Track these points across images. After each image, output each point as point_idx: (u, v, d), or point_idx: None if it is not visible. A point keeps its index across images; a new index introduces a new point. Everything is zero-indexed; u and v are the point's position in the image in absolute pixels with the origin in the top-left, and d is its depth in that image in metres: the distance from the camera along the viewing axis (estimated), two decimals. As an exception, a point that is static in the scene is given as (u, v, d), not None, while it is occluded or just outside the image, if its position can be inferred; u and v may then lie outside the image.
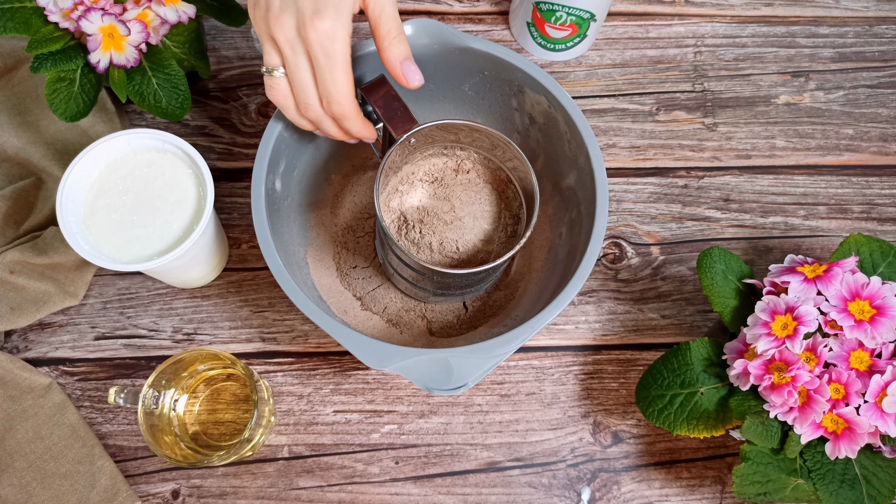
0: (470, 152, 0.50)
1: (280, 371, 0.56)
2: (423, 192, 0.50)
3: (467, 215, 0.50)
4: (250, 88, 0.65)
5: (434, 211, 0.50)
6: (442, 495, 0.54)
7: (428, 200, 0.50)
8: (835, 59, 0.69)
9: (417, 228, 0.49)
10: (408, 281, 0.51)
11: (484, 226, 0.50)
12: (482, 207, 0.50)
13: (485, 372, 0.45)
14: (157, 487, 0.53)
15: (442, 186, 0.50)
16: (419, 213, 0.50)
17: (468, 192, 0.50)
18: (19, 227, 0.57)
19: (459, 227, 0.49)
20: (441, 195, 0.50)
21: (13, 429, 0.52)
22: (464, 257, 0.49)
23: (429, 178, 0.50)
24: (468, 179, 0.51)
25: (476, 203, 0.50)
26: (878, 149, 0.66)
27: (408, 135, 0.45)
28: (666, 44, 0.69)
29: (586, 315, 0.59)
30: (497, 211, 0.50)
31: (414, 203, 0.50)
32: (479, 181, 0.51)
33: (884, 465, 0.45)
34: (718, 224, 0.62)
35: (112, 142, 0.50)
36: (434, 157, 0.50)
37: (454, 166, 0.50)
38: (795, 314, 0.44)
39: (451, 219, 0.49)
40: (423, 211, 0.50)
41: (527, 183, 0.47)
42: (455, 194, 0.50)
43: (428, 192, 0.50)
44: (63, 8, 0.51)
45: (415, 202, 0.50)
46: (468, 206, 0.50)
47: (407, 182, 0.50)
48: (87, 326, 0.57)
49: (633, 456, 0.55)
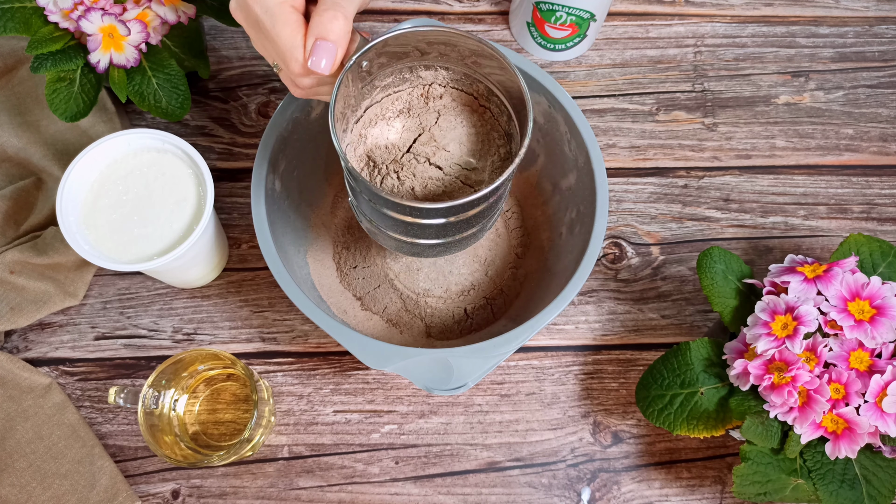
0: (438, 72, 0.43)
1: (280, 371, 0.56)
2: (392, 129, 0.44)
3: (450, 142, 0.43)
4: (250, 88, 0.65)
5: (409, 148, 0.43)
6: (442, 495, 0.54)
7: (399, 138, 0.44)
8: (835, 59, 0.69)
9: (394, 174, 0.43)
10: (396, 236, 0.43)
11: (470, 153, 0.44)
12: (465, 131, 0.44)
13: (485, 372, 0.45)
14: (157, 487, 0.53)
15: (412, 118, 0.44)
16: (391, 154, 0.43)
17: (446, 118, 0.44)
18: (19, 227, 0.57)
19: (443, 159, 0.43)
20: (414, 128, 0.44)
21: (13, 429, 0.52)
22: (453, 193, 0.43)
23: (394, 112, 0.44)
24: (442, 105, 0.44)
25: (458, 128, 0.44)
26: (878, 149, 0.66)
27: (357, 56, 0.38)
28: (666, 44, 0.69)
29: (586, 315, 0.59)
30: (483, 132, 0.44)
31: (382, 144, 0.43)
32: (454, 104, 0.44)
33: (884, 465, 0.45)
34: (718, 224, 0.62)
35: (112, 142, 0.50)
36: (397, 88, 0.44)
37: (422, 93, 0.44)
38: (795, 314, 0.44)
39: (432, 151, 0.43)
40: (395, 150, 0.43)
41: (513, 90, 0.40)
42: (430, 123, 0.44)
43: (398, 129, 0.44)
44: (63, 8, 0.51)
45: (383, 142, 0.43)
46: (449, 133, 0.43)
47: (370, 125, 0.44)
48: (87, 326, 0.57)
49: (633, 456, 0.55)
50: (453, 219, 0.40)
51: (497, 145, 0.44)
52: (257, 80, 0.66)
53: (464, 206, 0.38)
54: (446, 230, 0.42)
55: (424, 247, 0.44)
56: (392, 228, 0.42)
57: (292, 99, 0.51)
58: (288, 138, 0.51)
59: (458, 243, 0.45)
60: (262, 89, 0.65)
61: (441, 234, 0.42)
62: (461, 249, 0.47)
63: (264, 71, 0.66)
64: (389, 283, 0.56)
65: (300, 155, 0.54)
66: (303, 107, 0.52)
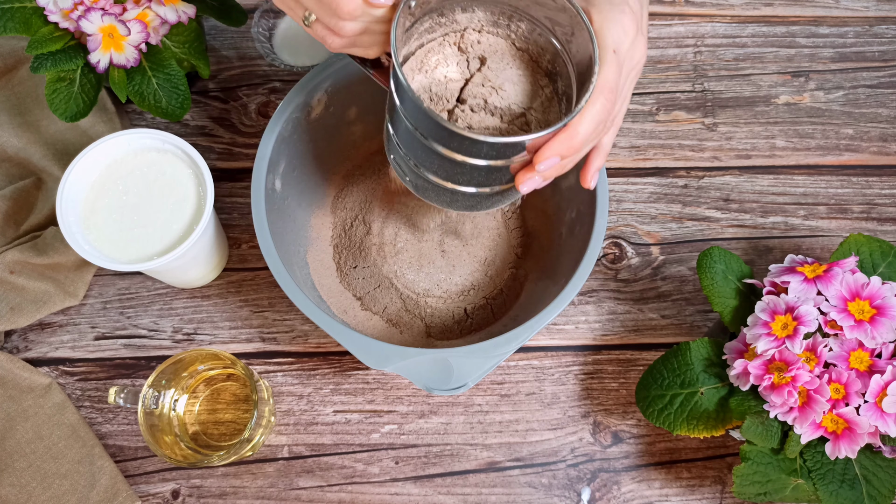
0: (475, 13, 0.41)
1: (280, 371, 0.56)
2: (436, 77, 0.42)
3: (504, 82, 0.42)
4: (250, 88, 0.65)
5: (459, 97, 0.41)
6: (442, 495, 0.54)
7: (446, 86, 0.42)
8: (835, 59, 0.69)
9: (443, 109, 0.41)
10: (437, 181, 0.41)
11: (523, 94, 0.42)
12: (514, 73, 0.42)
13: (485, 372, 0.45)
14: (157, 487, 0.53)
15: (456, 65, 0.42)
16: (441, 105, 0.41)
17: (492, 60, 0.42)
18: (19, 227, 0.57)
19: (498, 101, 0.41)
20: (460, 74, 0.42)
21: (13, 429, 0.52)
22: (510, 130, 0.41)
23: (433, 63, 0.42)
24: (483, 49, 0.42)
25: (506, 70, 0.42)
26: (878, 149, 0.66)
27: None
28: (666, 44, 0.69)
29: (586, 315, 0.59)
30: (529, 73, 0.42)
31: (427, 94, 0.42)
32: (495, 46, 0.42)
33: (884, 465, 0.45)
34: (718, 224, 0.62)
35: (112, 142, 0.50)
36: (431, 36, 0.42)
37: (457, 41, 0.42)
38: (795, 314, 0.44)
39: (488, 92, 0.41)
40: (443, 101, 0.41)
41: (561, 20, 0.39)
42: (475, 68, 0.42)
43: (441, 77, 0.42)
44: (63, 8, 0.51)
45: (428, 93, 0.42)
46: (501, 74, 0.41)
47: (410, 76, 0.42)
48: (87, 326, 0.57)
49: (633, 456, 0.55)
50: (501, 162, 0.38)
51: (541, 85, 0.42)
52: (257, 80, 0.66)
53: (515, 146, 0.36)
54: (491, 176, 0.40)
55: (460, 195, 0.42)
56: (434, 170, 0.40)
57: (292, 99, 0.51)
58: (288, 138, 0.51)
59: (497, 196, 0.43)
60: (262, 89, 0.65)
61: (485, 180, 0.40)
62: (498, 205, 0.45)
63: (264, 71, 0.66)
64: (389, 283, 0.56)
65: (300, 155, 0.54)
66: (303, 107, 0.52)
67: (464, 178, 0.40)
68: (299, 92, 0.51)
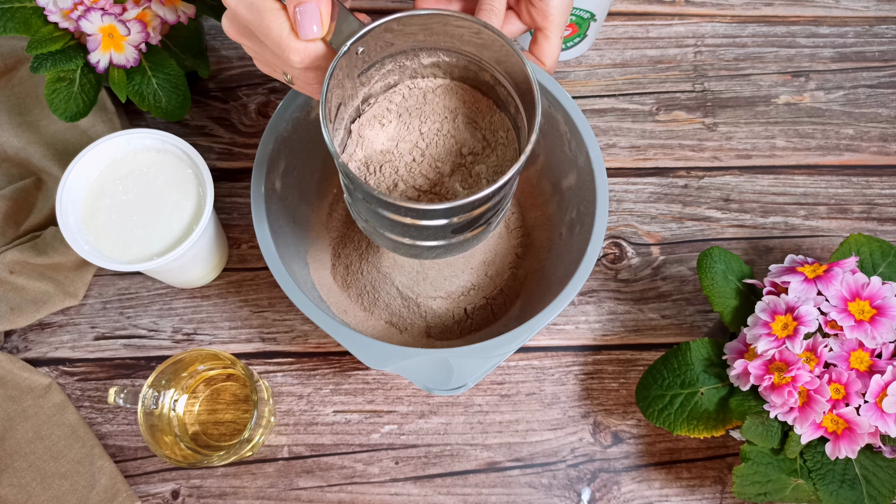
0: (440, 58, 0.41)
1: (280, 371, 0.56)
2: (389, 131, 0.41)
3: (452, 140, 0.42)
4: (250, 88, 0.65)
5: (408, 150, 0.41)
6: (442, 495, 0.54)
7: (397, 139, 0.41)
8: (835, 58, 0.69)
9: (391, 173, 0.41)
10: (394, 238, 0.41)
11: (473, 151, 0.42)
12: (468, 128, 0.42)
13: (485, 372, 0.45)
14: (157, 487, 0.53)
15: (411, 117, 0.42)
16: (388, 157, 0.41)
17: (447, 113, 0.42)
18: (19, 227, 0.57)
19: (444, 158, 0.41)
20: (413, 127, 0.42)
21: (13, 429, 0.52)
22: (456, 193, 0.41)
23: (392, 112, 0.42)
24: (444, 100, 0.42)
25: (460, 126, 0.42)
26: (879, 149, 0.66)
27: (352, 41, 0.36)
28: (666, 44, 0.69)
29: (586, 315, 0.59)
30: (488, 128, 0.42)
31: (379, 147, 0.41)
32: (457, 97, 0.42)
33: (884, 465, 0.45)
34: (718, 224, 0.62)
35: (112, 142, 0.50)
36: (396, 80, 0.41)
37: (422, 88, 0.42)
38: (795, 314, 0.44)
39: (434, 152, 0.41)
40: (392, 154, 0.41)
41: (518, 77, 0.38)
42: (431, 120, 0.42)
43: (394, 130, 0.41)
44: (63, 8, 0.51)
45: (379, 146, 0.41)
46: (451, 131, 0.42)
47: (368, 126, 0.41)
48: (86, 326, 0.57)
49: (633, 456, 0.55)
50: (456, 220, 0.37)
51: (502, 143, 0.42)
52: (257, 80, 0.66)
53: (465, 206, 0.35)
54: (448, 232, 0.39)
55: (424, 248, 0.41)
56: (390, 229, 0.40)
57: (292, 99, 0.51)
58: (288, 138, 0.51)
59: (459, 245, 0.42)
60: (262, 89, 0.65)
61: (442, 235, 0.39)
62: (463, 251, 0.44)
63: (264, 71, 0.66)
64: (389, 283, 0.56)
65: (300, 155, 0.54)
66: (303, 106, 0.52)
67: (420, 235, 0.39)
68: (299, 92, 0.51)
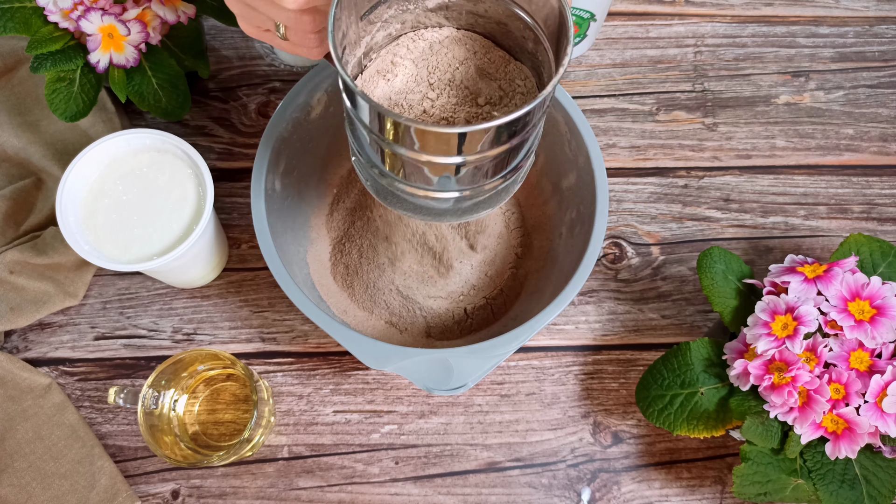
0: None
1: (280, 371, 0.56)
2: (396, 83, 0.38)
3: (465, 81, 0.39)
4: (250, 88, 0.65)
5: (417, 102, 0.38)
6: (442, 495, 0.54)
7: (404, 90, 0.38)
8: (835, 58, 0.69)
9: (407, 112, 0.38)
10: (409, 189, 0.37)
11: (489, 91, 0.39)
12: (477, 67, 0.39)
13: (485, 372, 0.45)
14: (157, 487, 0.53)
15: (421, 67, 0.39)
16: (397, 111, 0.38)
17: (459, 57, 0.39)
18: (19, 227, 0.57)
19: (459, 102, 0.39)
20: (423, 77, 0.39)
21: (13, 429, 0.52)
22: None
23: (397, 65, 0.39)
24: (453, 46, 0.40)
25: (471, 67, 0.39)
26: (879, 149, 0.66)
27: None
28: (666, 44, 0.69)
29: (586, 315, 0.59)
30: (502, 67, 0.40)
31: (384, 103, 0.38)
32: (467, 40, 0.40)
33: (884, 465, 0.45)
34: (718, 224, 0.62)
35: (112, 142, 0.50)
36: (399, 26, 0.39)
37: (435, 37, 0.40)
38: (795, 314, 0.44)
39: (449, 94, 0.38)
40: (399, 108, 0.38)
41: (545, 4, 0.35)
42: (442, 68, 0.39)
43: (403, 81, 0.39)
44: (63, 8, 0.51)
45: (385, 102, 0.38)
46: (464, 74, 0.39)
47: (371, 82, 0.39)
48: (86, 326, 0.57)
49: (633, 456, 0.55)
50: (474, 157, 0.34)
51: (521, 91, 0.39)
52: (257, 80, 0.66)
53: (488, 133, 0.32)
54: (468, 176, 0.35)
55: (443, 203, 0.38)
56: (405, 178, 0.36)
57: (292, 99, 0.51)
58: (288, 138, 0.51)
59: (483, 201, 0.38)
60: (261, 89, 0.65)
61: (462, 181, 0.36)
62: (488, 208, 0.40)
63: (264, 71, 0.66)
64: (389, 283, 0.56)
65: (300, 155, 0.54)
66: (303, 107, 0.52)
67: (438, 182, 0.36)
68: (299, 92, 0.51)
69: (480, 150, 0.34)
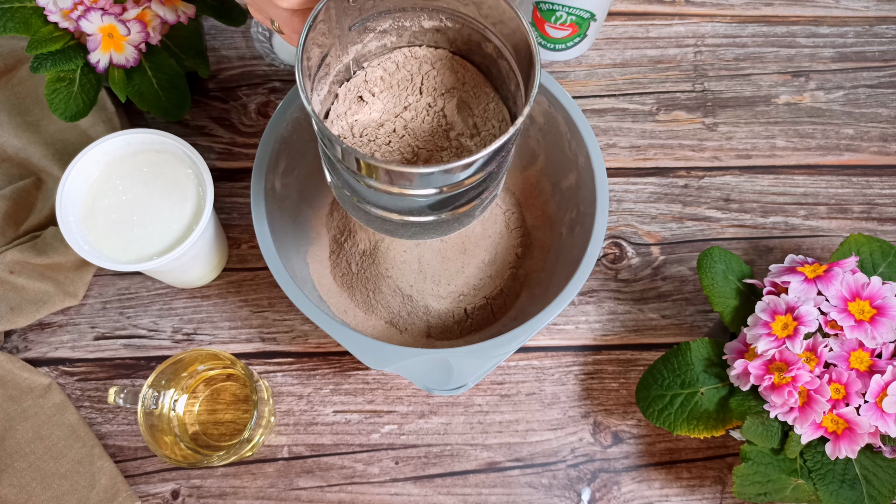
0: (443, 22, 0.38)
1: (280, 371, 0.56)
2: (379, 102, 0.39)
3: (445, 111, 0.40)
4: (250, 88, 0.65)
5: (391, 123, 0.38)
6: (442, 495, 0.54)
7: (386, 110, 0.39)
8: (835, 58, 0.69)
9: (378, 141, 0.38)
10: (381, 214, 0.38)
11: (466, 123, 0.40)
12: (460, 99, 0.40)
13: (485, 372, 0.45)
14: (157, 487, 0.53)
15: (404, 88, 0.40)
16: (376, 128, 0.39)
17: (443, 83, 0.40)
18: (19, 227, 0.57)
19: (435, 127, 0.39)
20: (404, 97, 0.39)
21: (13, 429, 0.52)
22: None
23: (385, 81, 0.39)
24: (440, 70, 0.40)
25: (454, 97, 0.39)
26: (879, 149, 0.66)
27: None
28: (666, 44, 0.69)
29: (586, 315, 0.59)
30: (483, 101, 0.40)
31: (365, 119, 0.39)
32: (453, 68, 0.40)
33: (884, 465, 0.45)
34: (718, 224, 0.62)
35: (112, 142, 0.50)
36: (393, 42, 0.39)
37: (420, 57, 0.40)
38: (796, 314, 0.44)
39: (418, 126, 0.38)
40: (378, 125, 0.39)
41: (519, 44, 0.36)
42: (426, 91, 0.40)
43: (385, 101, 0.39)
44: (63, 8, 0.51)
45: (366, 118, 0.39)
46: (444, 103, 0.40)
47: (354, 97, 0.39)
48: (86, 326, 0.57)
49: (633, 456, 0.55)
50: (446, 189, 0.35)
51: (492, 134, 0.40)
52: (257, 80, 0.66)
53: (456, 170, 0.33)
54: (437, 204, 0.37)
55: (413, 226, 0.39)
56: (377, 203, 0.38)
57: (292, 99, 0.51)
58: (288, 138, 0.51)
59: (450, 222, 0.40)
60: (262, 89, 0.65)
61: (432, 208, 0.37)
62: (456, 229, 0.42)
63: (264, 71, 0.66)
64: (390, 283, 0.56)
65: (300, 155, 0.54)
66: (303, 107, 0.52)
67: (409, 208, 0.37)
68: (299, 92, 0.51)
69: (445, 182, 0.35)
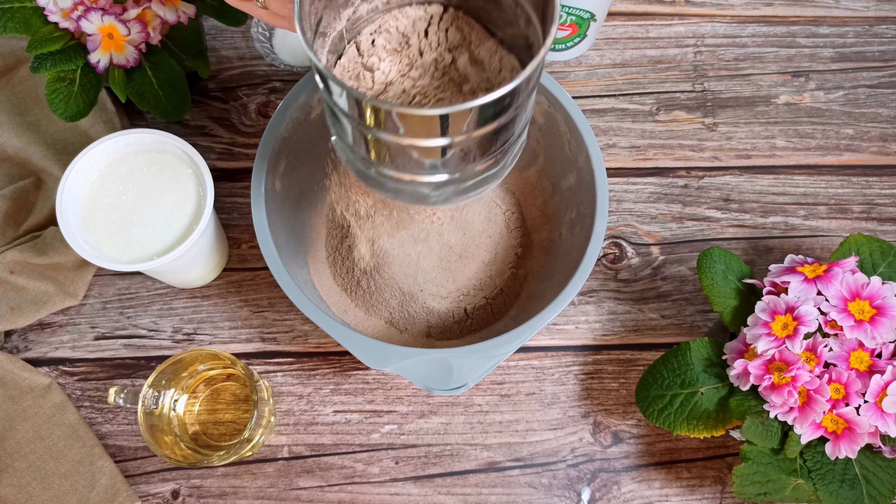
0: None
1: (280, 371, 0.56)
2: (384, 65, 0.37)
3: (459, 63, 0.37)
4: (250, 88, 0.65)
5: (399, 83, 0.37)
6: (442, 495, 0.54)
7: (386, 70, 0.37)
8: (835, 58, 0.69)
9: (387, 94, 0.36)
10: (394, 174, 0.35)
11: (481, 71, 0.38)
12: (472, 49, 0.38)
13: (485, 372, 0.45)
14: (157, 487, 0.53)
15: (403, 51, 0.38)
16: (378, 88, 0.37)
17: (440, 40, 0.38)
18: (19, 227, 0.57)
19: (443, 86, 0.37)
20: (404, 56, 0.37)
21: (13, 429, 0.52)
22: None
23: (387, 48, 0.37)
24: (442, 21, 0.37)
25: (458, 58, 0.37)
26: (878, 149, 0.66)
27: None
28: (666, 44, 0.69)
29: (586, 315, 0.59)
30: (497, 50, 0.38)
31: (367, 82, 0.37)
32: (458, 23, 0.38)
33: (884, 465, 0.45)
34: (718, 224, 0.62)
35: (112, 142, 0.50)
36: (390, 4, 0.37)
37: (419, 14, 0.38)
38: (795, 314, 0.44)
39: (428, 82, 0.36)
40: (381, 86, 0.37)
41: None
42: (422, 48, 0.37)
43: (389, 65, 0.37)
44: (63, 8, 0.51)
45: (377, 80, 0.37)
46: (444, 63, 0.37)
47: (354, 57, 0.37)
48: (87, 326, 0.57)
49: (633, 456, 0.55)
50: (460, 138, 0.32)
51: (509, 69, 0.38)
52: (257, 80, 0.66)
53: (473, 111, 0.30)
54: (455, 159, 0.34)
55: (429, 186, 0.36)
56: (389, 162, 0.35)
57: (292, 99, 0.51)
58: (288, 138, 0.51)
59: (471, 184, 0.37)
60: (262, 89, 0.65)
61: (448, 165, 0.34)
62: (476, 191, 0.38)
63: (264, 71, 0.66)
64: (390, 283, 0.56)
65: (300, 155, 0.54)
66: (303, 107, 0.52)
67: (423, 165, 0.34)
68: (299, 92, 0.51)
69: (466, 131, 0.32)
